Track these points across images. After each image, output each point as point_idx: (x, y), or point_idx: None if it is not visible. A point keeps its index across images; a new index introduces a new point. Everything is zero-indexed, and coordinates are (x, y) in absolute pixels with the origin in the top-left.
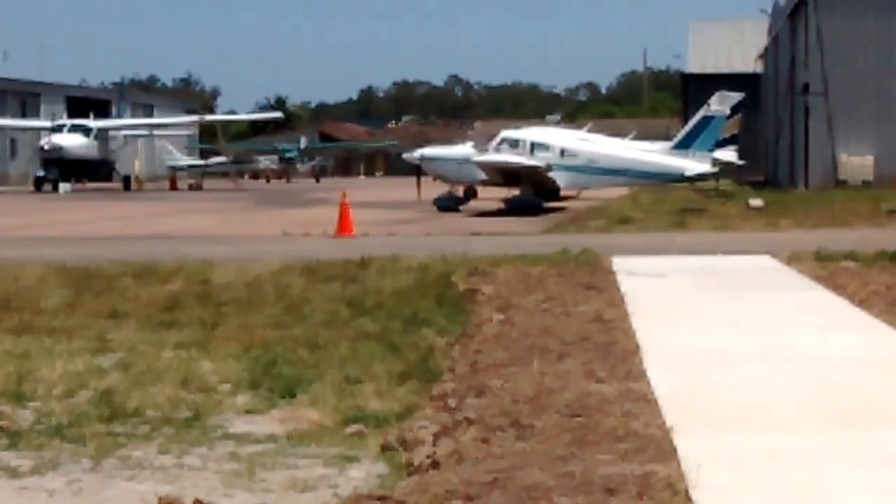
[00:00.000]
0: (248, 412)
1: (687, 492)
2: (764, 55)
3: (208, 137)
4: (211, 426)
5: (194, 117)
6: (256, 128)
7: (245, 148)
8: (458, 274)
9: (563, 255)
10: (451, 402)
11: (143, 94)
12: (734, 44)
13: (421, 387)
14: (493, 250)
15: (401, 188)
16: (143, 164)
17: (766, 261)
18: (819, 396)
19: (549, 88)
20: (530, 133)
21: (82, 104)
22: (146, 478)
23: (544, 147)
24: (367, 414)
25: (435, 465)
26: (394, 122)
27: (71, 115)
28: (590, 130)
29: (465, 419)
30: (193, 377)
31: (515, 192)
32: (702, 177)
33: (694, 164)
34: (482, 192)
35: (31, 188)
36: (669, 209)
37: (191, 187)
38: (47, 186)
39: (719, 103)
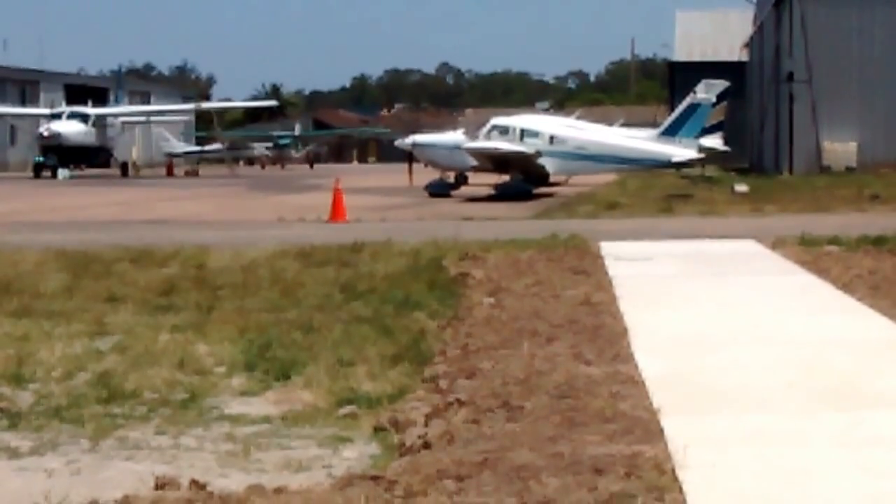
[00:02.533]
0: (243, 394)
1: (674, 472)
2: (749, 44)
3: (204, 125)
4: (207, 408)
5: (190, 105)
6: (251, 115)
7: (240, 135)
8: (449, 258)
9: (553, 240)
10: (443, 384)
11: (140, 81)
12: (720, 33)
13: (413, 369)
14: (483, 235)
15: (393, 174)
16: (141, 151)
17: (751, 245)
18: (804, 378)
19: (539, 76)
20: (520, 120)
21: (80, 92)
22: (143, 458)
23: (534, 134)
24: (360, 396)
25: (426, 445)
26: (386, 109)
27: (69, 103)
28: (578, 118)
29: (456, 401)
30: (190, 360)
31: (506, 178)
32: (688, 163)
33: (680, 151)
34: (473, 178)
35: (31, 174)
36: (656, 195)
37: (187, 174)
38: (46, 173)
39: (705, 91)
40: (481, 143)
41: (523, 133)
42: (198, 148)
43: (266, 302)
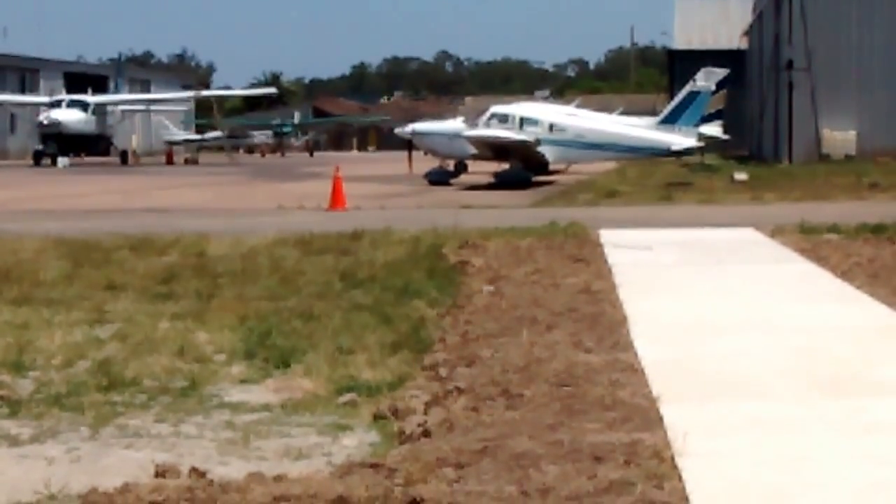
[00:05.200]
0: (243, 382)
1: (673, 459)
2: (749, 32)
3: (204, 112)
4: (207, 395)
5: (190, 93)
6: (251, 103)
7: (240, 123)
8: (448, 246)
9: (552, 228)
10: (442, 372)
11: (140, 69)
12: (720, 20)
13: (412, 357)
14: (483, 223)
15: (393, 162)
16: (140, 139)
17: (750, 233)
18: (803, 366)
19: (538, 64)
20: (520, 108)
21: (80, 80)
22: (143, 446)
23: (533, 122)
24: (360, 383)
25: (426, 433)
26: (386, 97)
27: (69, 91)
28: (578, 106)
29: (456, 388)
30: (189, 347)
31: (505, 166)
32: (688, 151)
33: (680, 139)
34: (472, 166)
35: (30, 162)
36: (656, 183)
37: (187, 161)
38: (46, 161)
39: (705, 79)
40: (481, 131)
41: (523, 121)
42: (197, 136)
43: (266, 290)
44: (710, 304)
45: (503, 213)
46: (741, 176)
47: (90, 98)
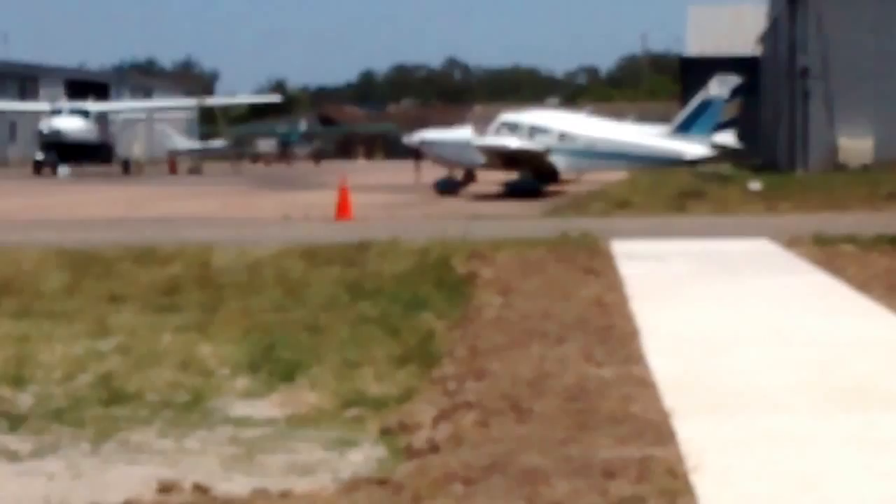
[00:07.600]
0: (247, 396)
1: (686, 475)
2: (763, 39)
3: (208, 121)
4: (210, 410)
5: (193, 101)
6: (256, 111)
7: (245, 131)
8: (457, 257)
9: (563, 239)
10: (451, 386)
11: (143, 77)
12: (733, 27)
13: (420, 370)
14: (492, 234)
15: (400, 171)
16: (143, 148)
17: (765, 244)
18: (819, 379)
19: (549, 72)
20: (530, 116)
21: (82, 87)
22: (146, 461)
23: (544, 131)
24: (367, 398)
25: (434, 448)
26: (393, 105)
27: (70, 99)
28: (589, 114)
29: (465, 403)
30: (193, 361)
31: (515, 175)
32: (701, 160)
33: (693, 148)
34: (482, 175)
35: (31, 171)
36: (668, 193)
37: (190, 171)
38: (46, 170)
39: (718, 87)
40: (490, 140)
41: (533, 130)
42: (201, 145)
43: (271, 302)
44: (723, 317)
45: (513, 223)
46: (756, 185)
47: (91, 106)
